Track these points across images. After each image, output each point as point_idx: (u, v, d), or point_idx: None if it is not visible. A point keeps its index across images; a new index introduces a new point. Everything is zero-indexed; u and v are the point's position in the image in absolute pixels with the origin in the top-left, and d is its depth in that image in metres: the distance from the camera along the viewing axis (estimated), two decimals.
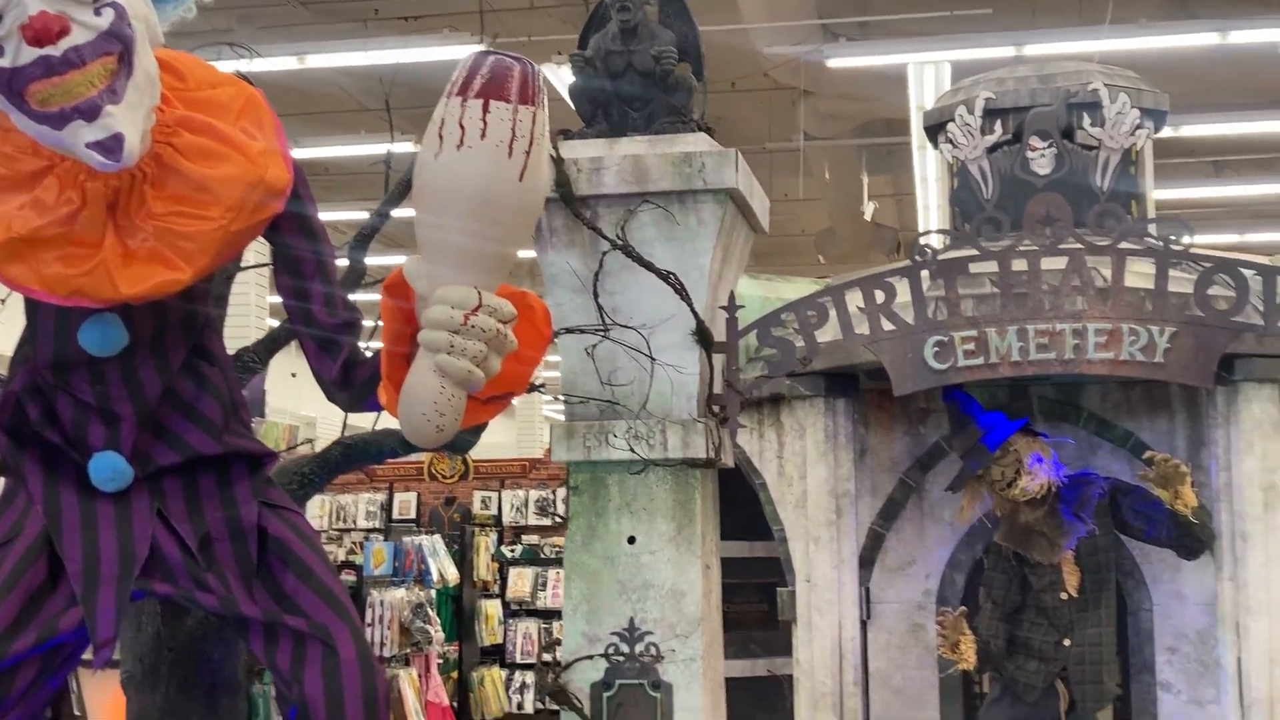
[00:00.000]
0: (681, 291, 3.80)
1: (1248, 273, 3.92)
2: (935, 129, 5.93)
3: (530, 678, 11.32)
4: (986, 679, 5.62)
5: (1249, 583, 4.94)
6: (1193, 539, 4.90)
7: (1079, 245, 3.95)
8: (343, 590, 2.61)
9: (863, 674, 5.68)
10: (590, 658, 3.87)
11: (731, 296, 4.04)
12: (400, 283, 2.35)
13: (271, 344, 4.18)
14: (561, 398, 3.93)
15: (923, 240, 4.10)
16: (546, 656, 10.87)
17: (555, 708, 4.01)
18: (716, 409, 3.95)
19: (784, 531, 5.77)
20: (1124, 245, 3.94)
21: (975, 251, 4.09)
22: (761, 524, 5.95)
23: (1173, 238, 3.90)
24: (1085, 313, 3.98)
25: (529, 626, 11.60)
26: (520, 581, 11.70)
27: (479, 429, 3.50)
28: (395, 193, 4.18)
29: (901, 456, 5.78)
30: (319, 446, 4.65)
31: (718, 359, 3.97)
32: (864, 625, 5.73)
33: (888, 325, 4.07)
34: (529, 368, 2.46)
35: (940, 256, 4.05)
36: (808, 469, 5.35)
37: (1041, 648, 5.05)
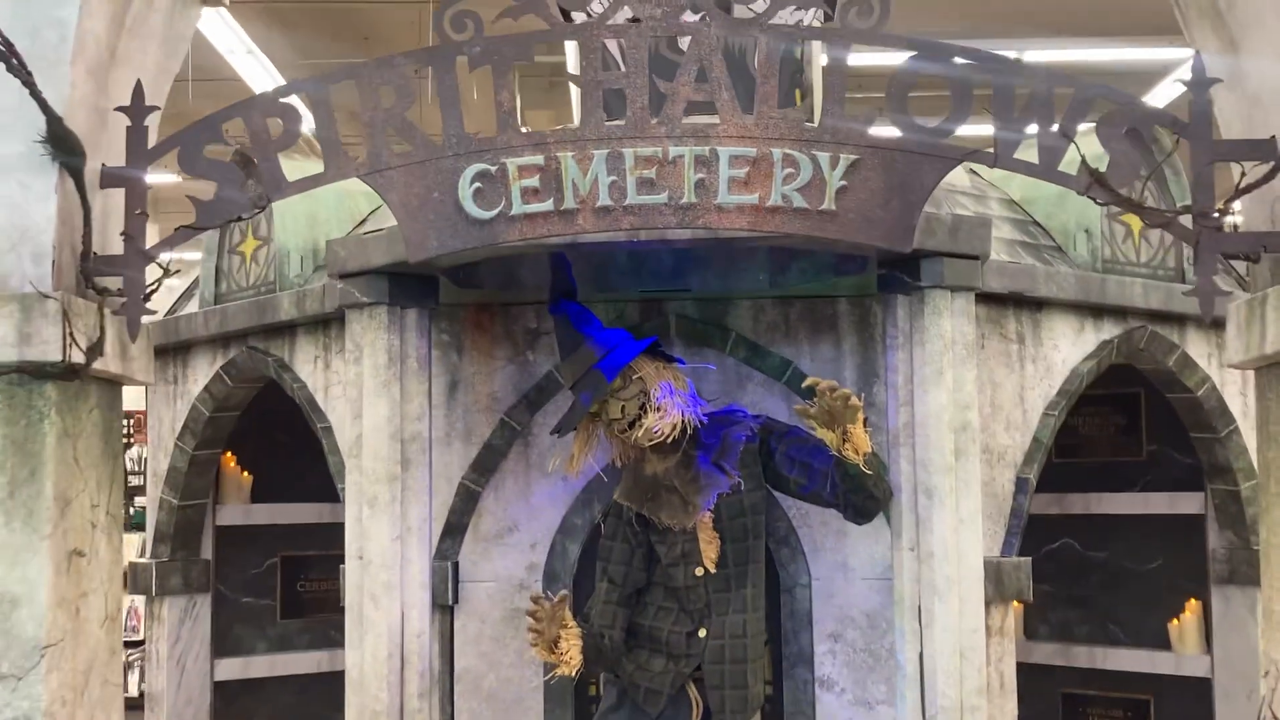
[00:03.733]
0: (13, 62, 1.87)
1: (967, 64, 2.24)
2: None
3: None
4: (601, 680, 3.92)
5: (935, 554, 3.34)
6: (864, 496, 3.29)
7: (706, 20, 2.19)
8: None
9: (444, 677, 3.88)
10: None
11: (138, 91, 2.13)
12: None
13: None
14: None
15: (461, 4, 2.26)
16: None
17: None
18: (99, 283, 2.05)
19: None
20: (777, 23, 2.21)
21: (546, 27, 2.30)
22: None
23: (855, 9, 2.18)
24: (716, 130, 2.23)
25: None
26: None
27: None
28: None
29: (504, 391, 3.99)
30: None
31: (107, 197, 2.06)
32: (450, 612, 3.94)
33: (400, 147, 2.24)
34: None
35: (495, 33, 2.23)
36: (364, 404, 3.50)
37: (670, 640, 3.35)
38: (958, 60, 2.22)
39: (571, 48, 3.89)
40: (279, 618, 4.97)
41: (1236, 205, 2.35)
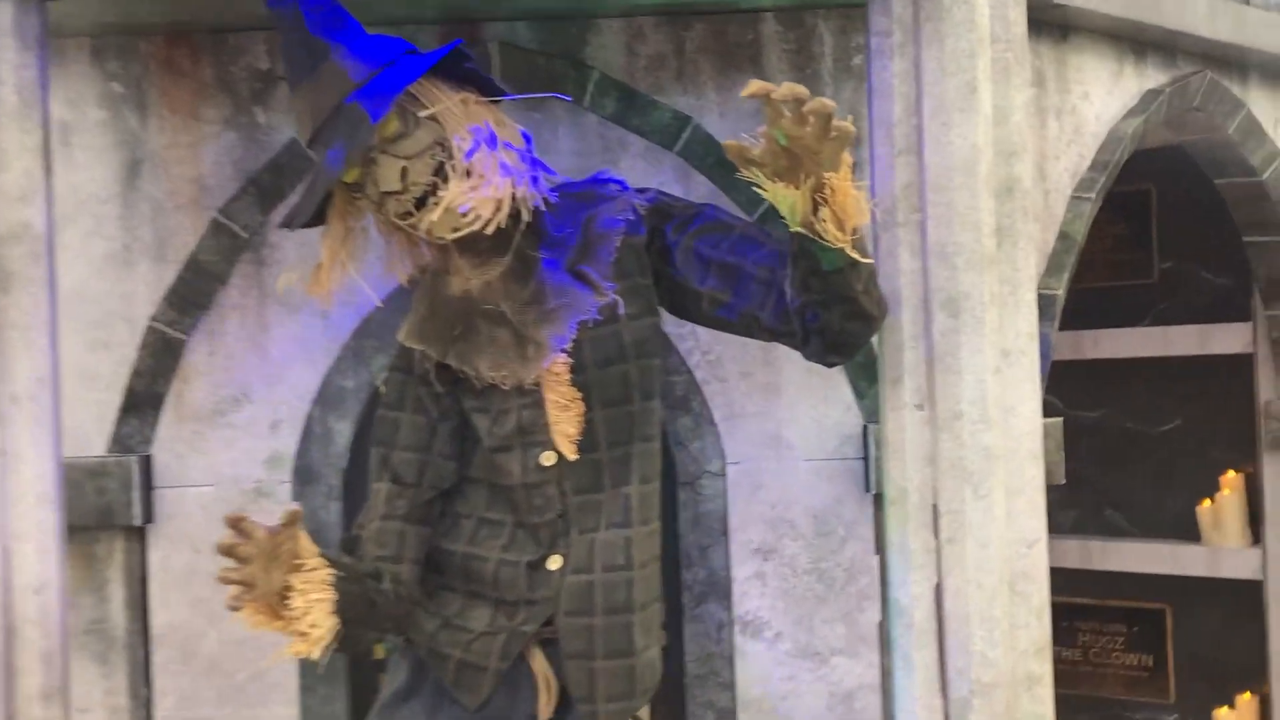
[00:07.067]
0: None
1: None
2: None
3: None
4: (382, 650, 2.34)
5: (963, 412, 1.78)
6: (848, 309, 1.72)
7: None
8: None
9: (134, 641, 2.28)
10: None
11: None
12: None
13: None
14: None
15: None
16: None
17: None
18: None
19: None
20: None
21: None
22: None
23: None
24: None
25: None
26: None
27: None
28: None
29: (219, 175, 2.33)
30: None
31: None
32: (140, 536, 2.30)
33: None
34: None
35: None
36: None
37: (501, 577, 1.77)
38: None
39: None
40: None
41: None
